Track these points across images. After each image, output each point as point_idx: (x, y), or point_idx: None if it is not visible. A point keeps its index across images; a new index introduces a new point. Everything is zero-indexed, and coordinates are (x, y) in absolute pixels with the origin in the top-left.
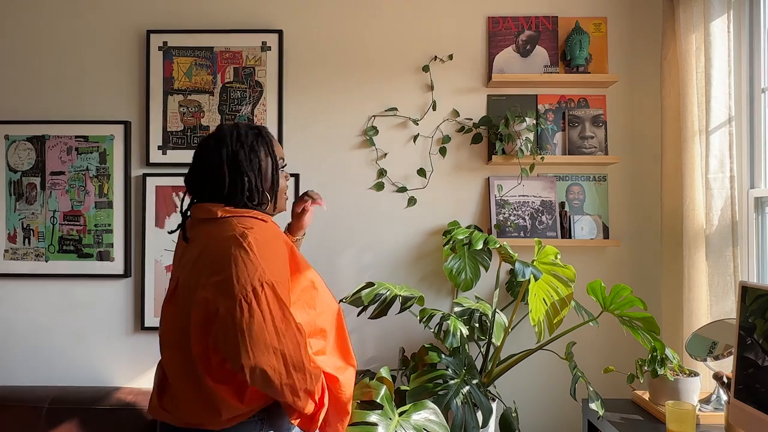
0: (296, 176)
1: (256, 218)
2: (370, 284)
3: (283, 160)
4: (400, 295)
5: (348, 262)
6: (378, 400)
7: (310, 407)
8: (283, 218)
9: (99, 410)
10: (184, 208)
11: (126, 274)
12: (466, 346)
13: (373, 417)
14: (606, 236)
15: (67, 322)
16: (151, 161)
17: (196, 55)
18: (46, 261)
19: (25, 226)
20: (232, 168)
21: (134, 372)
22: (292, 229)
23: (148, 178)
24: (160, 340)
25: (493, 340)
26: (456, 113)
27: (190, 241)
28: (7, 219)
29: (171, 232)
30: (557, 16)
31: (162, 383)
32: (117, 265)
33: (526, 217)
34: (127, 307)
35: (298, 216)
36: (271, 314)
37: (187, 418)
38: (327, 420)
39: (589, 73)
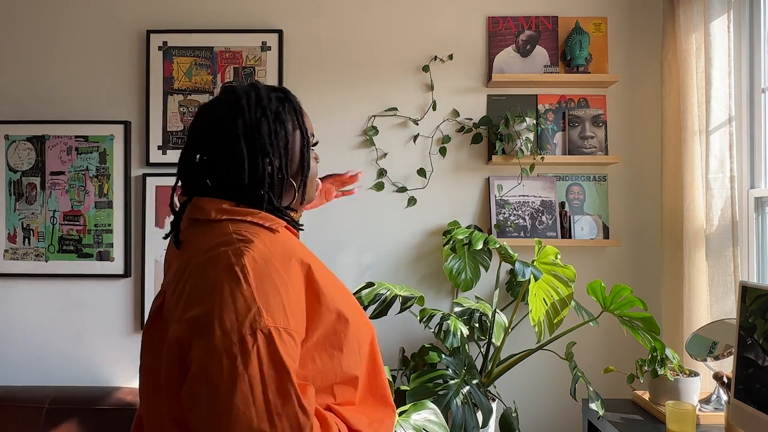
0: None
1: (262, 225)
2: (370, 284)
3: (314, 136)
4: (400, 295)
5: (348, 262)
6: None
7: None
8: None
9: (99, 410)
10: (177, 203)
11: (126, 274)
12: (466, 346)
13: None
14: (606, 236)
15: (67, 322)
16: (151, 161)
17: (196, 55)
18: (46, 261)
19: (25, 226)
20: (252, 146)
21: (134, 372)
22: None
23: (148, 178)
24: (140, 380)
25: (493, 340)
26: (456, 113)
27: (181, 246)
28: (7, 219)
29: (166, 237)
30: (557, 16)
31: None
32: (117, 265)
33: (526, 217)
34: (127, 307)
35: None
36: (263, 382)
37: None
38: None
39: (589, 73)
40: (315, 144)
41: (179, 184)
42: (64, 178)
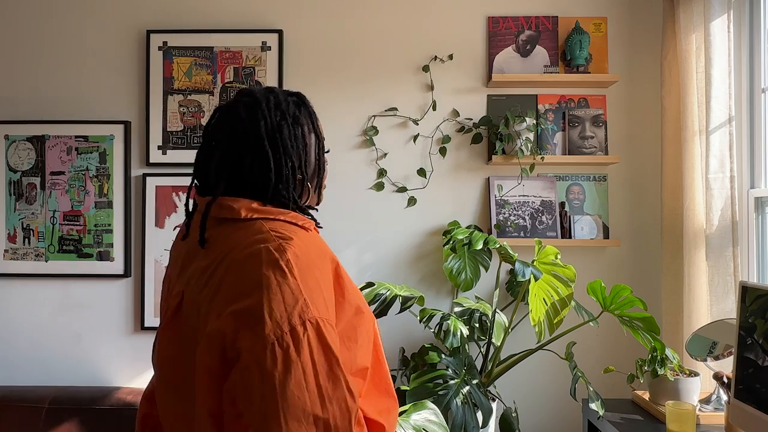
0: None
1: (295, 224)
2: (370, 284)
3: (325, 139)
4: (400, 295)
5: (348, 262)
6: None
7: None
8: None
9: (99, 410)
10: (191, 204)
11: (126, 274)
12: (466, 346)
13: None
14: (606, 236)
15: (67, 322)
16: (151, 161)
17: (196, 55)
18: (46, 261)
19: (25, 226)
20: (275, 148)
21: (134, 372)
22: None
23: (148, 178)
24: (157, 375)
25: (493, 340)
26: (456, 113)
27: (204, 246)
28: (7, 219)
29: (184, 238)
30: (557, 16)
31: None
32: (117, 265)
33: (526, 217)
34: (127, 307)
35: None
36: (315, 368)
37: None
38: None
39: (589, 73)
40: (327, 151)
41: (195, 184)
42: (64, 178)
